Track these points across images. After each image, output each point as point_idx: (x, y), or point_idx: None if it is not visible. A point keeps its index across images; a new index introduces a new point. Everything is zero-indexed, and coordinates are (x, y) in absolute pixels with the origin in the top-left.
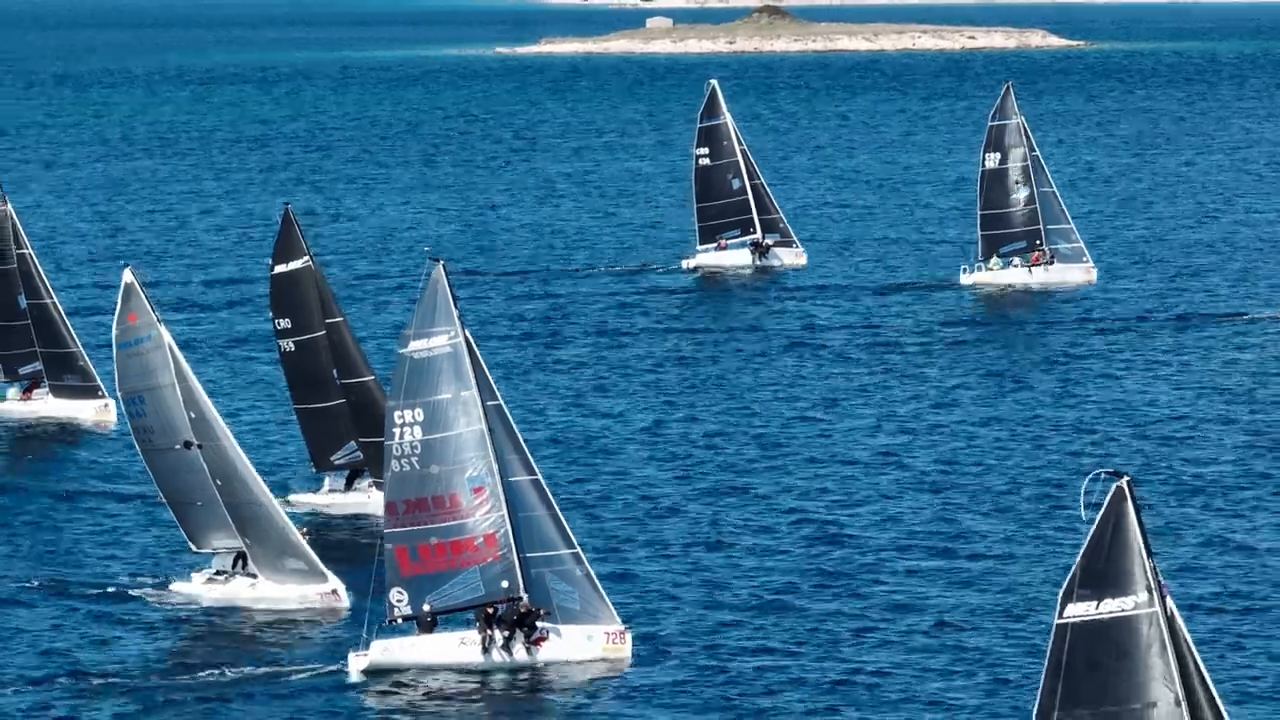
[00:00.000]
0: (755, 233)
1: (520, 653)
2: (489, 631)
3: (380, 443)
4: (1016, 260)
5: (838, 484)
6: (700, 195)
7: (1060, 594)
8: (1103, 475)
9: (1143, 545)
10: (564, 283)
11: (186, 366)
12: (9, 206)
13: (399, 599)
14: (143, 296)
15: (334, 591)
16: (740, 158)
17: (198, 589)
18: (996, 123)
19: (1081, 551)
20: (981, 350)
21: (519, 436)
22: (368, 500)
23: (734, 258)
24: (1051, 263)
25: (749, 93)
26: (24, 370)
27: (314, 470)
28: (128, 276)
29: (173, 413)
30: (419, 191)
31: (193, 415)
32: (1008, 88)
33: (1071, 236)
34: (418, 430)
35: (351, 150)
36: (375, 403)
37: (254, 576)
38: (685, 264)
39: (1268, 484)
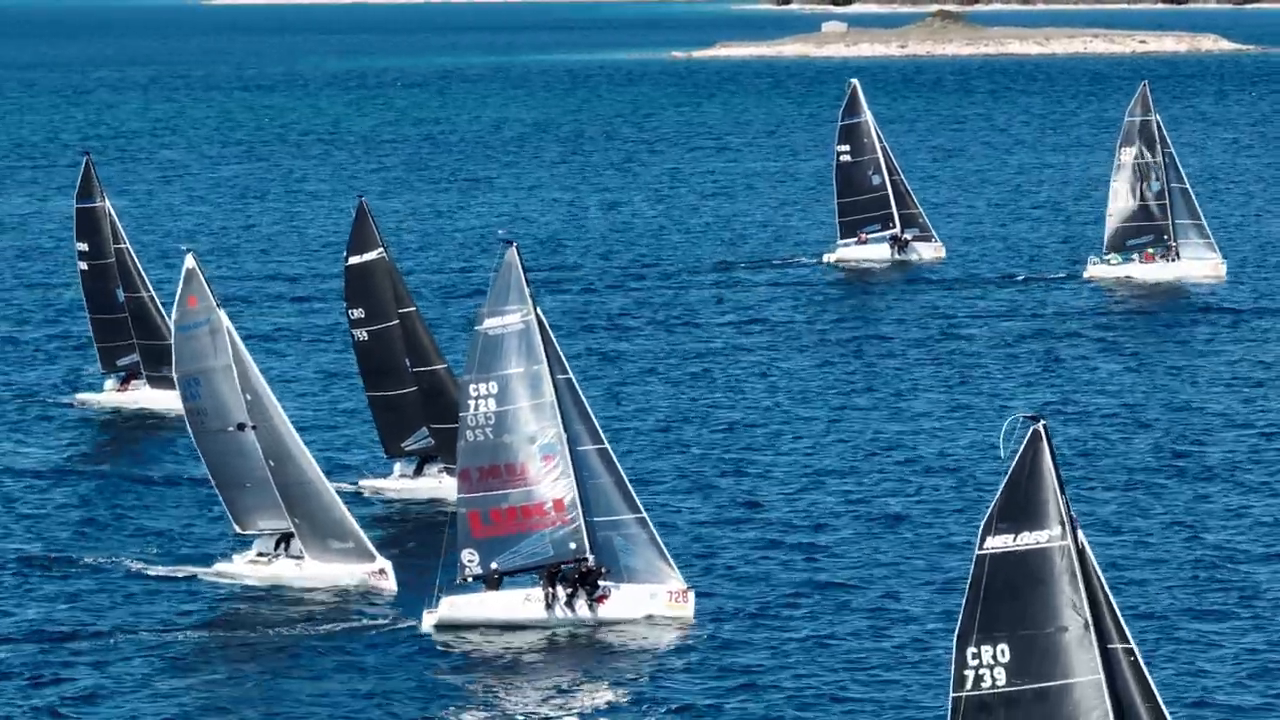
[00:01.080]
0: (895, 227)
1: (583, 610)
2: (552, 589)
3: (450, 429)
4: (1135, 256)
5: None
6: (841, 191)
7: (981, 528)
8: (1021, 419)
9: (1056, 483)
10: (712, 276)
11: (244, 350)
12: (107, 203)
13: (470, 559)
14: (203, 281)
15: (381, 571)
16: (880, 154)
17: (242, 569)
18: (1131, 119)
19: (1000, 489)
20: (1105, 335)
21: (588, 408)
22: (438, 485)
23: (873, 251)
24: (1175, 258)
25: (915, 94)
26: (122, 362)
27: (385, 456)
28: (189, 262)
29: (226, 395)
30: (548, 190)
31: (249, 397)
32: (1144, 87)
33: (1203, 233)
34: (491, 402)
35: (503, 152)
36: (446, 390)
37: (298, 558)
38: (827, 258)
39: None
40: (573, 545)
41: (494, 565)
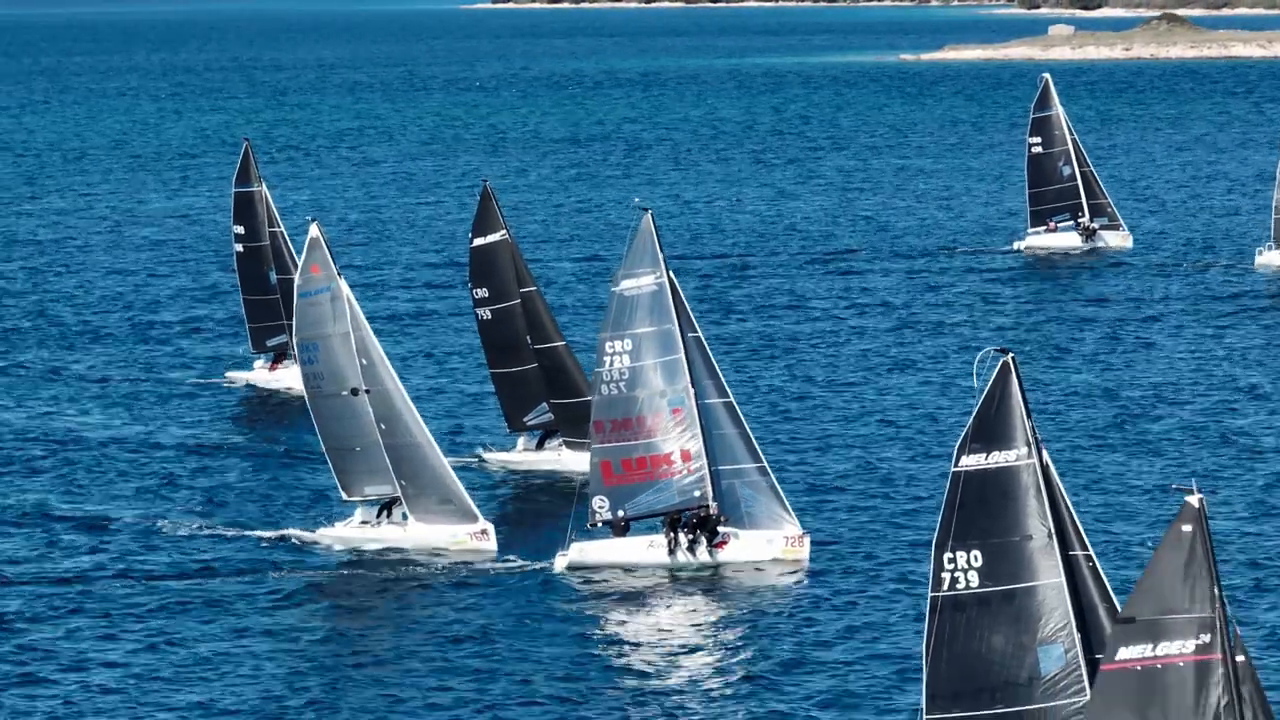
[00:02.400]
0: (1084, 217)
1: (703, 554)
2: (675, 535)
3: (569, 404)
4: None
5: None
6: (1032, 181)
7: (956, 448)
8: (992, 352)
9: (1024, 409)
10: (908, 262)
11: (362, 316)
12: (264, 188)
13: (600, 505)
14: (325, 250)
15: (483, 531)
16: (1070, 146)
17: (347, 533)
18: None
19: (974, 414)
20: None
21: (715, 364)
22: (558, 459)
23: (1062, 239)
24: None
25: (1123, 94)
26: (271, 342)
27: (508, 430)
28: (314, 231)
29: (342, 361)
30: (755, 180)
31: (364, 362)
32: None
33: None
34: (625, 359)
35: (706, 150)
36: (565, 367)
37: (401, 522)
38: (1017, 245)
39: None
40: (697, 493)
41: (621, 512)
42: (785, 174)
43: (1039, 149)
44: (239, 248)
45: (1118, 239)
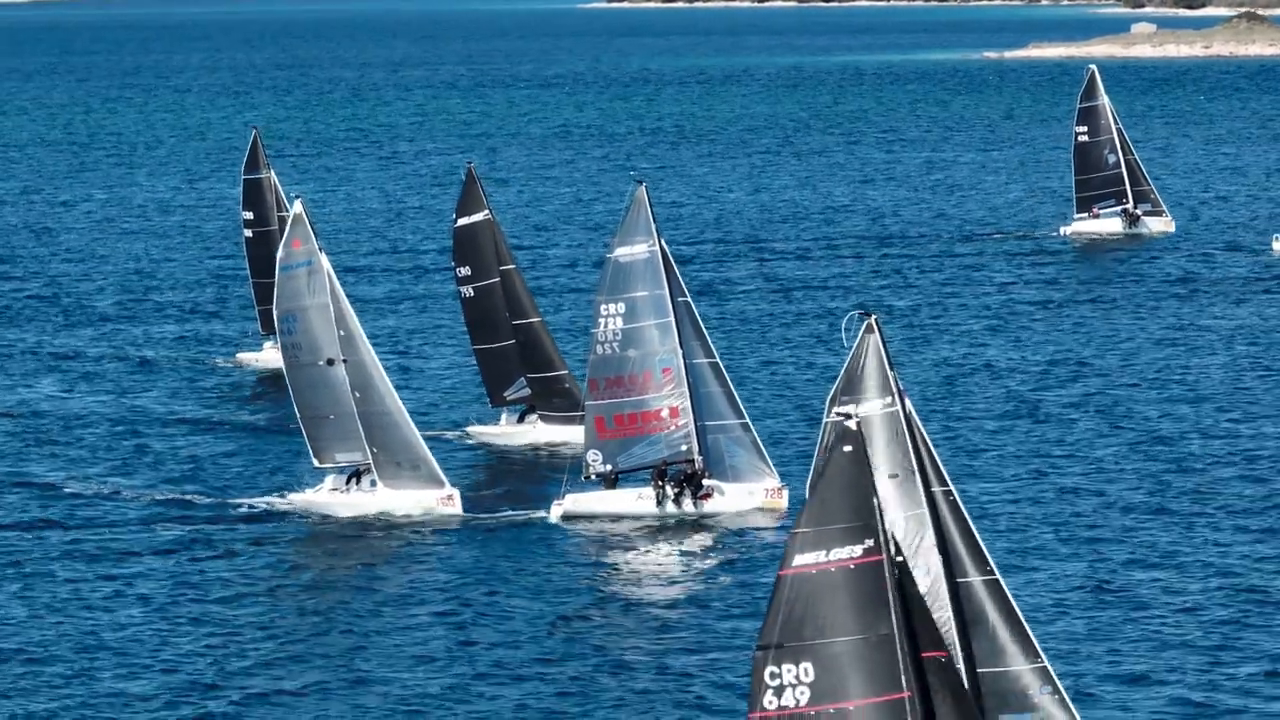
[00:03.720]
0: (1128, 203)
1: (689, 506)
2: (662, 487)
3: (544, 378)
4: None
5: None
6: (1078, 169)
7: (827, 401)
8: (856, 315)
9: (887, 364)
10: (961, 245)
11: (340, 290)
12: (272, 174)
13: (594, 459)
14: (307, 225)
15: (450, 497)
16: (1115, 135)
17: (318, 498)
18: None
19: (842, 371)
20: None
21: (702, 327)
22: (533, 430)
23: (1107, 225)
24: None
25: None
26: None
27: (491, 406)
28: (297, 208)
29: (319, 332)
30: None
31: (342, 333)
32: None
33: None
34: (619, 320)
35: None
36: (541, 343)
37: (370, 489)
38: (1063, 231)
39: None
40: (684, 448)
41: (610, 466)
42: (852, 165)
43: (1085, 138)
44: (248, 233)
45: (1160, 224)
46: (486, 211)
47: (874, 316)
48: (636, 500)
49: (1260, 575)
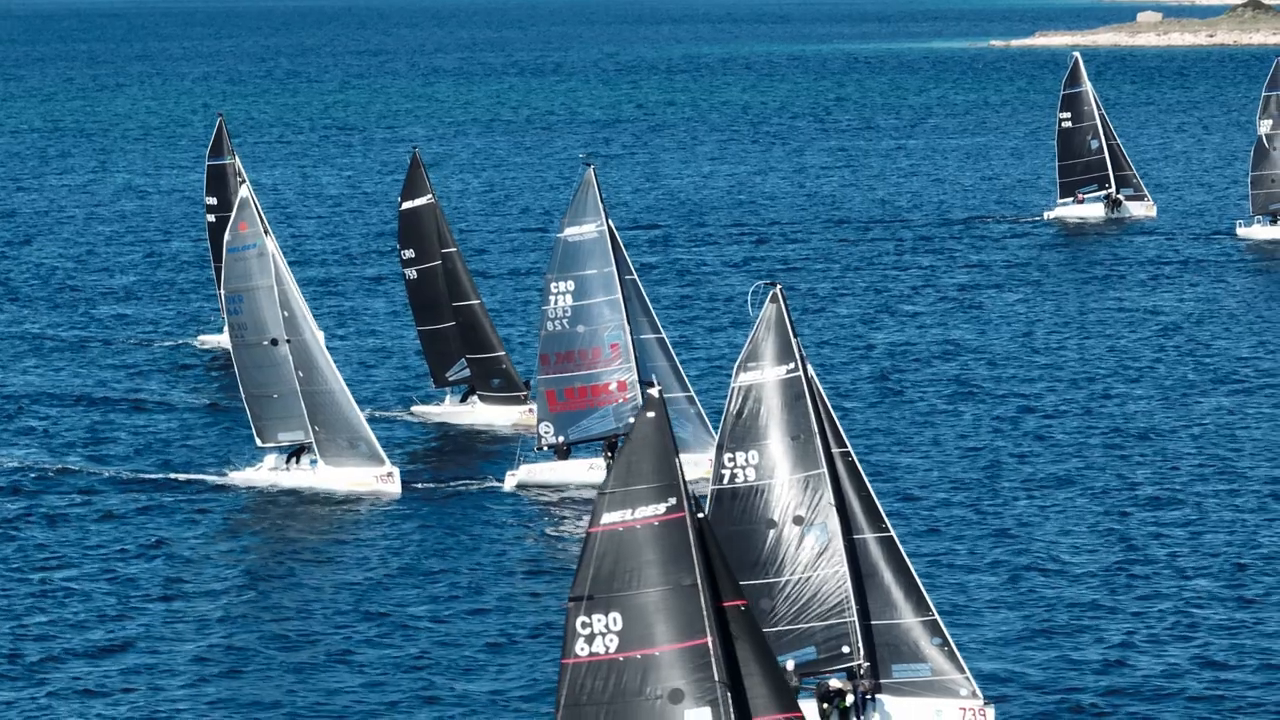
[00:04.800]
0: (1110, 188)
1: None
2: (612, 457)
3: (483, 359)
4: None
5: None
6: (1062, 154)
7: (735, 367)
8: (762, 285)
9: (791, 331)
10: (944, 228)
11: (286, 271)
12: (236, 160)
13: (546, 430)
14: (254, 210)
15: (389, 474)
16: (1098, 121)
17: (258, 476)
18: (1267, 94)
19: (750, 338)
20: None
21: (649, 304)
22: (472, 410)
23: (1090, 210)
24: None
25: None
26: None
27: (434, 386)
28: (244, 192)
29: (265, 312)
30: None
31: (286, 314)
32: (1277, 63)
33: None
34: (568, 298)
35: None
36: (480, 325)
37: (310, 467)
38: (1047, 215)
39: None
40: (632, 419)
41: (561, 438)
42: (847, 149)
43: (1068, 124)
44: (210, 218)
45: (1142, 209)
46: (430, 196)
47: (779, 287)
48: (588, 470)
49: (1163, 545)
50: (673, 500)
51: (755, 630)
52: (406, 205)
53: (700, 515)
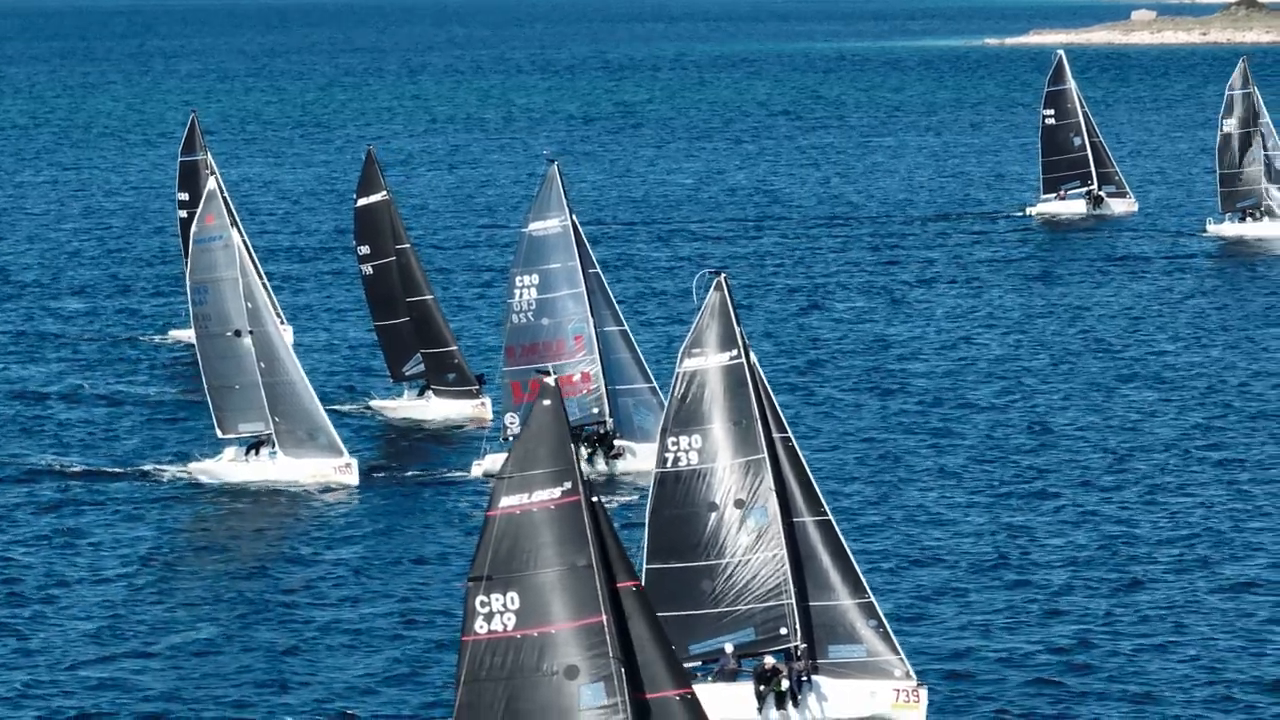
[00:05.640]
0: (1092, 184)
1: (601, 464)
2: (576, 447)
3: (436, 353)
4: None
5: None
6: (1045, 151)
7: (680, 353)
8: (706, 274)
9: (734, 319)
10: (930, 225)
11: (250, 264)
12: (208, 156)
13: (511, 421)
14: (220, 202)
15: (347, 465)
16: (1082, 119)
17: (218, 467)
18: (1230, 92)
19: (694, 325)
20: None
21: (611, 297)
22: (425, 405)
23: (1072, 206)
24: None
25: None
26: None
27: (392, 381)
28: (210, 184)
29: (229, 304)
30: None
31: (249, 305)
32: (1243, 62)
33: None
34: (533, 291)
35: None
36: (433, 319)
37: (269, 459)
38: (1029, 211)
39: None
40: (596, 410)
41: None
42: (822, 146)
43: (1052, 121)
44: (182, 214)
45: (1124, 205)
46: (385, 193)
47: (723, 275)
48: None
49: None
50: (568, 484)
51: (648, 610)
52: (362, 202)
53: (595, 499)
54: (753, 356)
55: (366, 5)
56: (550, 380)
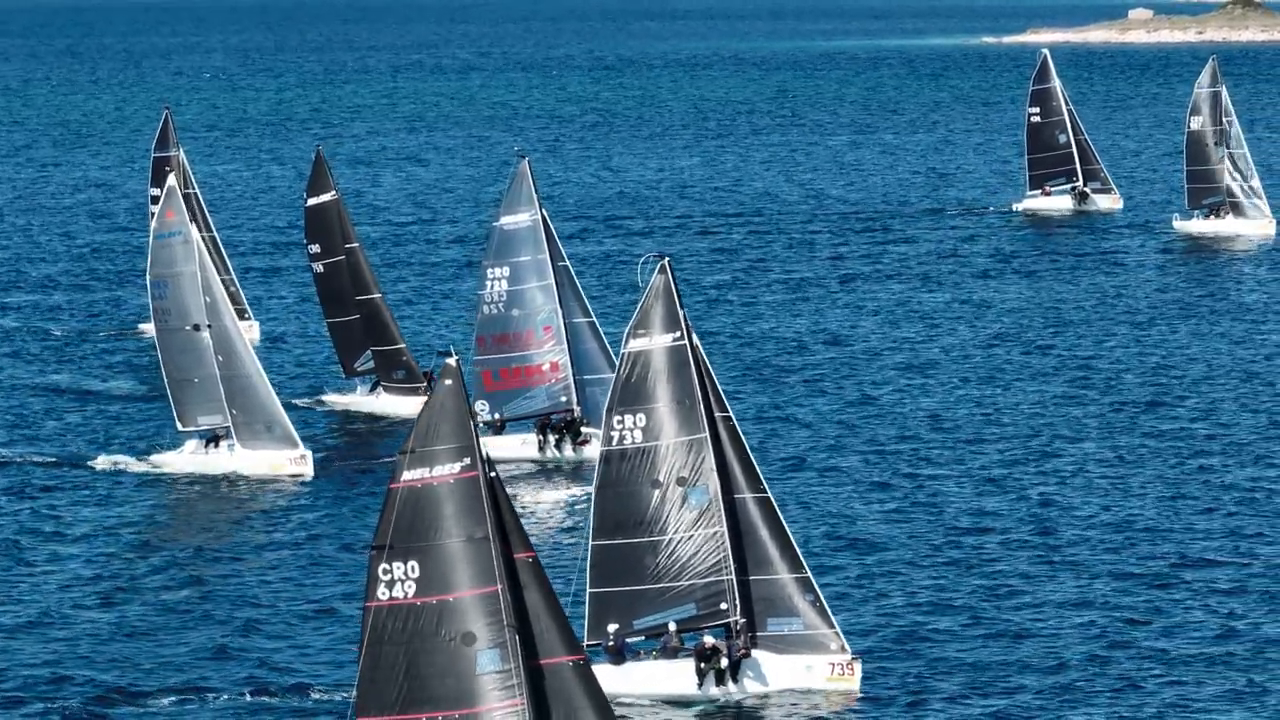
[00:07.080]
0: (1077, 181)
1: (569, 451)
2: (544, 435)
3: (384, 350)
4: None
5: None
6: (1030, 148)
7: (625, 334)
8: (651, 257)
9: (678, 301)
10: (916, 220)
11: (208, 259)
12: (181, 153)
13: (482, 408)
14: (180, 199)
15: (302, 457)
16: (1066, 116)
17: (178, 460)
18: (1198, 90)
19: (638, 308)
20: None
21: (580, 289)
22: (376, 400)
23: (1057, 202)
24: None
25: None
26: None
27: (344, 377)
28: (170, 181)
29: (188, 298)
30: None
31: (208, 300)
32: (1212, 62)
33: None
34: (504, 283)
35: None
36: (382, 317)
37: (228, 452)
38: (1015, 207)
39: None
40: (564, 399)
41: (499, 414)
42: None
43: (1037, 118)
44: (154, 209)
45: (1108, 202)
46: (334, 192)
47: (667, 259)
48: (521, 445)
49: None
50: (468, 460)
51: (543, 580)
52: (312, 202)
53: (492, 474)
54: (695, 338)
55: (364, 5)
56: (452, 362)
